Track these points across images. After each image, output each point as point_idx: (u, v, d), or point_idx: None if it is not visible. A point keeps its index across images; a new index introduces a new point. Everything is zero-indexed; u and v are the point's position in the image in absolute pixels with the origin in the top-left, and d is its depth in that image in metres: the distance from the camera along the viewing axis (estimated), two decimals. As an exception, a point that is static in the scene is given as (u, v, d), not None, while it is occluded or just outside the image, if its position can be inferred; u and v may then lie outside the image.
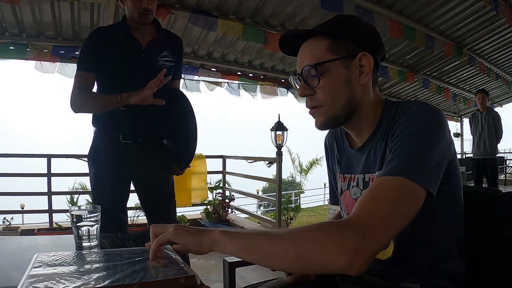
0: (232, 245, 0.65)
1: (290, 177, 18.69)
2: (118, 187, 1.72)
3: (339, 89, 0.80)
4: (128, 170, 1.73)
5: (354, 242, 0.58)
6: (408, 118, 0.75)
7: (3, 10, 3.57)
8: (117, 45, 1.65)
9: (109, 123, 1.70)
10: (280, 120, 4.84)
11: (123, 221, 1.75)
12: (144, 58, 1.67)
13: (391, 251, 0.83)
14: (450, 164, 0.77)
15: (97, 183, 1.72)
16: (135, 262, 0.67)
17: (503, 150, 12.35)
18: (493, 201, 0.89)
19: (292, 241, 0.61)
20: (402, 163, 0.69)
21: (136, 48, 1.67)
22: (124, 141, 1.69)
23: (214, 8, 4.00)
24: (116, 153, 1.70)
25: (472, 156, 5.34)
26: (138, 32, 1.68)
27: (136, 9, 1.60)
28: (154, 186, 1.78)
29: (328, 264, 0.58)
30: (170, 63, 1.74)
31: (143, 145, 1.72)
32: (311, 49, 0.81)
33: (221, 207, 5.31)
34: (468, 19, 4.95)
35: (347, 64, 0.80)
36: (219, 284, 2.17)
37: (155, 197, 1.78)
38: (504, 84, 8.04)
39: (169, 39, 1.78)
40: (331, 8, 3.53)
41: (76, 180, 10.69)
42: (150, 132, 1.74)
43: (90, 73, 1.67)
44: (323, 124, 0.84)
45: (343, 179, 0.95)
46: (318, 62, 0.79)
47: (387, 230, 0.62)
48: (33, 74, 74.72)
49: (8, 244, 0.86)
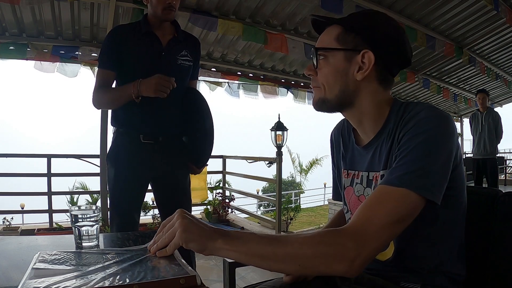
0: (235, 253, 0.68)
1: (290, 177, 18.68)
2: (137, 187, 1.74)
3: (335, 77, 0.83)
4: (148, 170, 1.73)
5: (351, 252, 0.64)
6: (417, 125, 0.74)
7: (3, 10, 3.57)
8: (138, 43, 1.66)
9: (129, 123, 1.70)
10: (280, 120, 4.84)
11: (136, 222, 1.76)
12: (164, 57, 1.68)
13: (392, 252, 0.83)
14: (455, 169, 0.77)
15: (116, 184, 1.72)
16: (135, 262, 0.67)
17: (503, 150, 12.34)
18: (493, 201, 0.89)
19: (295, 253, 0.66)
20: (407, 174, 0.70)
21: (157, 46, 1.68)
22: (144, 141, 1.70)
23: (214, 8, 4.00)
24: (137, 153, 1.70)
25: (472, 156, 5.34)
26: (159, 31, 1.69)
27: (161, 5, 1.62)
28: (172, 185, 1.79)
29: (329, 271, 0.66)
30: (189, 62, 1.76)
31: (164, 144, 1.73)
32: (325, 35, 0.86)
33: (221, 207, 5.31)
34: (468, 19, 4.95)
35: (349, 56, 0.81)
36: (219, 284, 2.17)
37: (172, 196, 1.79)
38: (504, 84, 8.04)
39: (188, 39, 1.81)
40: (331, 8, 3.54)
41: (76, 180, 10.74)
42: (170, 131, 1.75)
43: (110, 71, 1.68)
44: (316, 103, 0.88)
45: (346, 175, 0.96)
46: (322, 47, 0.84)
47: (383, 240, 0.68)
48: (33, 74, 74.45)
49: (8, 244, 0.86)
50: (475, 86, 7.90)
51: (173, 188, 1.78)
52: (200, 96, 1.85)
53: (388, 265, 0.84)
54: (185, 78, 1.78)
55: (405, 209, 0.69)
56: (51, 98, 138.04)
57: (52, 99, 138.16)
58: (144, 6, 3.57)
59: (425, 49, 5.37)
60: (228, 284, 1.01)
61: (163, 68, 1.65)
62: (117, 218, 1.72)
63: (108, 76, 1.68)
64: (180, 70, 1.72)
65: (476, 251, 0.89)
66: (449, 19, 4.87)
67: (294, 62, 5.74)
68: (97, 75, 1.70)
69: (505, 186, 9.28)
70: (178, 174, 1.79)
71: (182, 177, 1.81)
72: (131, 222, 1.70)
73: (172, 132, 1.76)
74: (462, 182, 0.82)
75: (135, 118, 1.68)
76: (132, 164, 1.69)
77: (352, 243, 0.64)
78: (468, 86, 8.08)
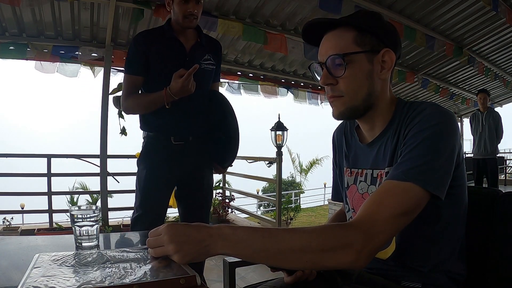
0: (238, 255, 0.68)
1: (290, 177, 18.66)
2: (168, 186, 1.80)
3: (362, 81, 0.81)
4: (178, 169, 1.78)
5: (358, 245, 0.65)
6: (422, 122, 0.76)
7: (3, 10, 3.57)
8: (162, 48, 1.70)
9: (160, 127, 1.75)
10: (280, 120, 4.84)
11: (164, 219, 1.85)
12: (188, 62, 1.70)
13: (393, 250, 0.84)
14: (457, 167, 0.78)
15: (149, 183, 1.76)
16: (136, 262, 0.67)
17: (503, 150, 12.33)
18: (493, 201, 0.89)
19: (303, 248, 0.65)
20: (412, 169, 0.71)
21: (181, 51, 1.72)
22: (175, 142, 1.75)
23: (214, 8, 4.00)
24: (169, 154, 1.75)
25: (472, 156, 5.34)
26: (182, 36, 1.73)
27: (182, 13, 1.66)
28: (197, 183, 1.83)
29: (336, 265, 0.68)
30: (212, 66, 1.81)
31: (193, 145, 1.78)
32: (336, 39, 0.82)
33: (221, 207, 5.31)
34: (468, 19, 4.95)
35: (370, 58, 0.81)
36: (219, 284, 2.17)
37: (196, 193, 1.84)
38: (503, 84, 8.04)
39: (210, 43, 1.85)
40: (329, 9, 3.54)
41: (76, 180, 10.73)
42: (199, 132, 1.80)
43: (137, 76, 1.72)
44: (341, 113, 0.85)
45: (350, 174, 0.95)
46: (345, 52, 0.79)
47: (388, 234, 0.68)
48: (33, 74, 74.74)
49: (8, 244, 0.86)
50: (474, 86, 7.90)
51: (198, 185, 1.84)
52: (223, 98, 1.91)
53: (389, 264, 0.84)
54: (208, 81, 1.84)
55: (411, 202, 0.69)
56: (51, 97, 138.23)
57: (52, 99, 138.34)
58: (144, 6, 3.58)
59: (424, 49, 5.37)
60: (228, 284, 1.01)
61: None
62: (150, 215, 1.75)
63: (137, 82, 1.73)
64: (204, 74, 1.77)
65: (476, 251, 0.88)
66: (449, 19, 4.87)
67: (294, 62, 5.74)
68: (125, 81, 1.75)
69: (505, 186, 9.27)
70: (204, 173, 1.85)
71: (207, 175, 1.87)
72: (160, 219, 1.77)
73: (200, 133, 1.81)
74: (464, 180, 0.82)
75: (165, 123, 1.73)
76: (164, 164, 1.75)
77: (360, 234, 0.65)
78: (468, 86, 8.08)
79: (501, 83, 7.88)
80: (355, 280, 0.85)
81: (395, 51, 0.83)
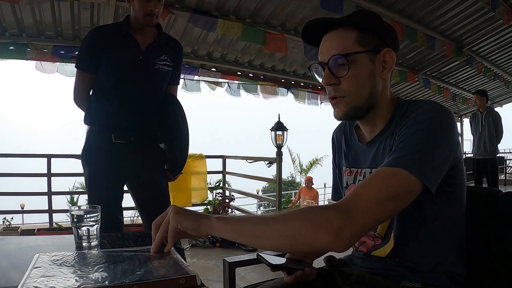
0: (227, 230, 0.69)
1: (290, 177, 18.65)
2: (112, 187, 1.73)
3: (364, 81, 0.81)
4: (122, 170, 1.72)
5: (337, 222, 0.64)
6: (418, 115, 0.76)
7: (3, 10, 3.57)
8: (116, 45, 1.66)
9: (102, 122, 1.70)
10: (280, 120, 4.84)
11: (119, 221, 1.75)
12: (142, 61, 1.67)
13: (391, 247, 0.84)
14: (455, 166, 0.78)
15: (91, 183, 1.71)
16: (135, 262, 0.67)
17: (503, 150, 12.34)
18: (493, 201, 0.89)
19: (283, 223, 0.67)
20: (404, 156, 0.71)
21: (135, 50, 1.67)
22: (116, 141, 1.70)
23: (214, 8, 4.00)
24: (109, 153, 1.70)
25: (472, 156, 5.33)
26: (139, 34, 1.69)
27: (143, 11, 1.61)
28: (149, 187, 1.77)
29: (315, 241, 0.65)
30: (167, 67, 1.75)
31: (137, 146, 1.72)
32: (338, 39, 0.81)
33: (221, 207, 5.31)
34: (468, 19, 4.95)
35: (372, 57, 0.81)
36: (219, 284, 2.17)
37: (150, 198, 1.78)
38: (503, 84, 8.04)
39: (170, 44, 1.79)
40: (330, 8, 3.53)
41: (76, 180, 10.71)
42: (142, 133, 1.74)
43: (88, 74, 1.69)
44: (344, 114, 0.84)
45: (349, 173, 0.96)
46: (348, 52, 0.79)
47: (370, 215, 0.66)
48: (34, 74, 74.53)
49: (8, 244, 0.86)
50: (474, 86, 7.90)
51: (150, 190, 1.77)
52: (176, 102, 1.85)
53: (389, 264, 0.84)
54: (163, 83, 1.77)
55: (398, 187, 0.68)
56: (51, 97, 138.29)
57: (52, 98, 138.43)
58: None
59: (425, 49, 5.37)
60: (228, 284, 1.01)
61: (140, 72, 1.66)
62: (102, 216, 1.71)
63: (87, 78, 1.71)
64: (157, 75, 1.72)
65: (476, 251, 0.88)
66: (449, 19, 4.87)
67: (294, 62, 5.74)
68: (76, 76, 1.72)
69: (505, 186, 9.27)
70: (154, 176, 1.78)
71: (158, 179, 1.80)
72: (114, 221, 1.69)
73: (144, 134, 1.75)
74: (463, 179, 0.82)
75: (108, 118, 1.68)
76: (104, 164, 1.69)
77: (339, 213, 0.64)
78: (468, 86, 8.08)
79: (501, 83, 7.89)
80: (355, 280, 0.85)
81: (395, 51, 0.83)
